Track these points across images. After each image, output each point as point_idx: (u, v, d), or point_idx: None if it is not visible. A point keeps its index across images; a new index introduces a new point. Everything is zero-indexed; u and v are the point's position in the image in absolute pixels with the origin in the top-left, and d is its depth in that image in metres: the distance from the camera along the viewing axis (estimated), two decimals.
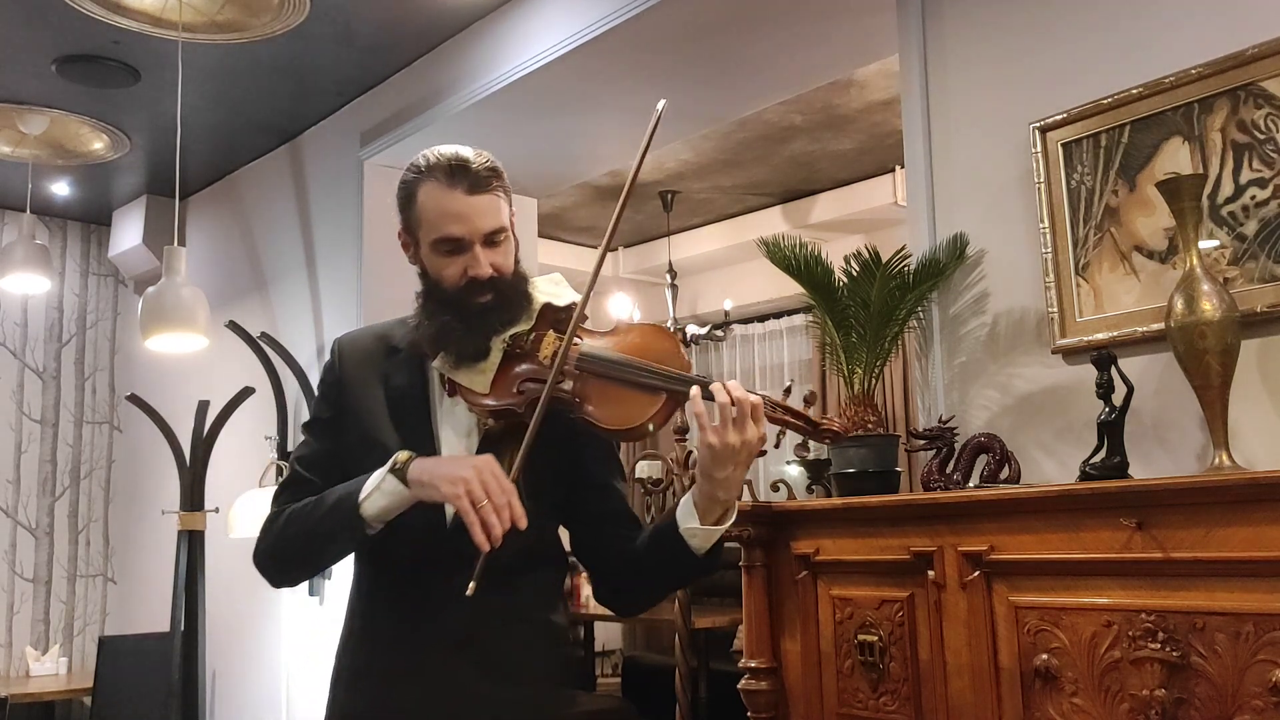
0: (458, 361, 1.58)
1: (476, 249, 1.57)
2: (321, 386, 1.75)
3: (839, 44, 3.42)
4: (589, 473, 1.66)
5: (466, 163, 1.58)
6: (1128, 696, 1.72)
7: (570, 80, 3.67)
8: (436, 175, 1.59)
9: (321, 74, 4.23)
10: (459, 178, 1.57)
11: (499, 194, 1.61)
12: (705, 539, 1.52)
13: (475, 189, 1.57)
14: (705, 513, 1.51)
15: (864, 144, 5.46)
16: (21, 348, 5.79)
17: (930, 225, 2.61)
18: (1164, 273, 2.18)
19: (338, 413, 1.68)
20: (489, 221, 1.58)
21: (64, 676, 5.44)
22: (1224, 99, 2.11)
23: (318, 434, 1.70)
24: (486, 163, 1.60)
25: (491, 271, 1.58)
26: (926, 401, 2.62)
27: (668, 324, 5.51)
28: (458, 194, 1.57)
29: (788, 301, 6.81)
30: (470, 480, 1.41)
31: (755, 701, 2.27)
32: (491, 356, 1.57)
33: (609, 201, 6.44)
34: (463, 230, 1.57)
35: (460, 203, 1.57)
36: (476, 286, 1.58)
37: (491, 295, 1.58)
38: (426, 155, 1.62)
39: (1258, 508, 1.60)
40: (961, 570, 1.96)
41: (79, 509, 5.91)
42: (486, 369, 1.57)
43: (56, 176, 5.30)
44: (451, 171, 1.57)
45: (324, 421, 1.70)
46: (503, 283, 1.60)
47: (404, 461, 1.49)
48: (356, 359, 1.71)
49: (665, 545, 1.55)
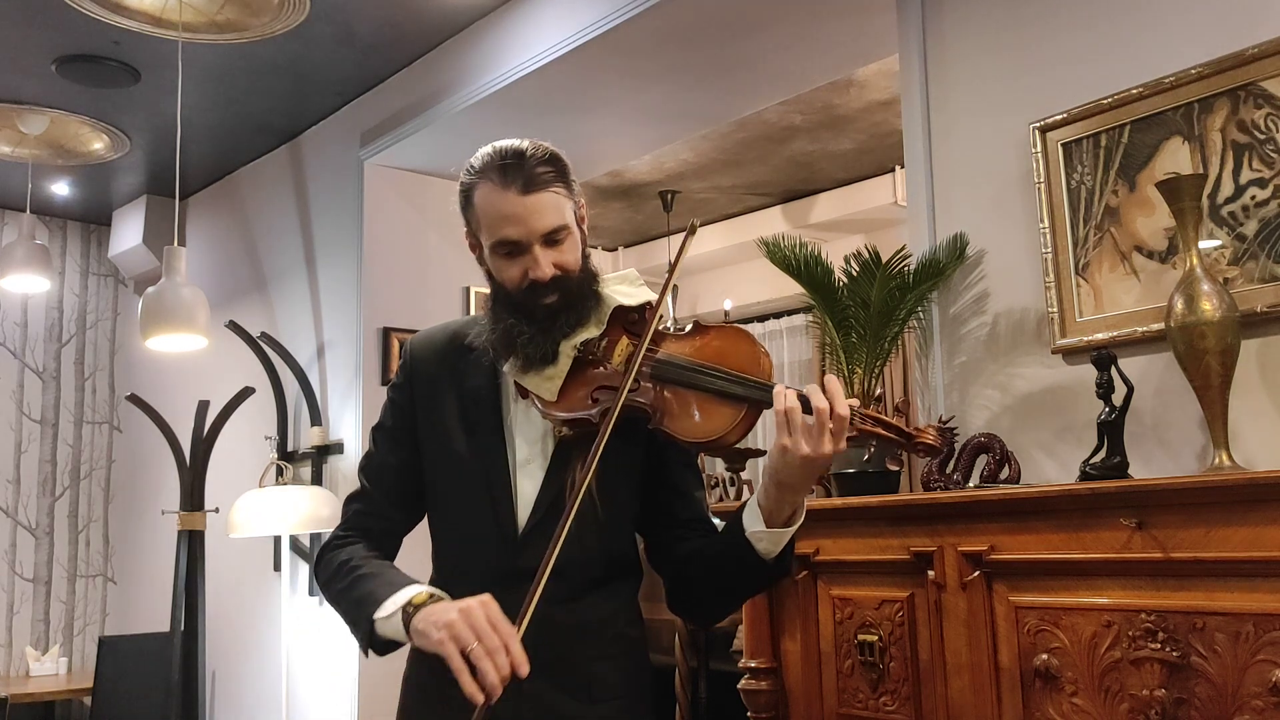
0: (525, 366, 1.52)
1: (535, 250, 1.49)
2: (391, 390, 1.68)
3: (839, 44, 3.42)
4: (666, 480, 1.60)
5: (521, 160, 1.50)
6: (1128, 696, 1.72)
7: (570, 80, 3.67)
8: (490, 176, 1.51)
9: (321, 74, 4.23)
10: (512, 176, 1.49)
11: (558, 189, 1.52)
12: (773, 542, 1.45)
13: (530, 187, 1.49)
14: (773, 515, 1.44)
15: (864, 144, 5.46)
16: (21, 348, 5.79)
17: (930, 225, 2.61)
18: (1164, 273, 2.18)
19: (402, 419, 1.64)
20: (547, 221, 1.50)
21: (64, 676, 5.44)
22: (1224, 99, 2.11)
23: (380, 443, 1.66)
24: (544, 156, 1.52)
25: (554, 271, 1.50)
26: (926, 401, 2.62)
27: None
28: (511, 195, 1.49)
29: (788, 301, 6.80)
30: (456, 624, 1.30)
31: (755, 701, 2.27)
32: (560, 363, 1.51)
33: (609, 201, 6.44)
34: (519, 233, 1.49)
35: (514, 204, 1.48)
36: (540, 288, 1.50)
37: (557, 296, 1.51)
38: (482, 154, 1.54)
39: (1258, 508, 1.60)
40: (961, 570, 1.96)
41: (79, 509, 5.91)
42: (555, 375, 1.50)
43: (56, 176, 5.30)
44: (504, 171, 1.49)
45: (386, 430, 1.65)
46: (569, 282, 1.52)
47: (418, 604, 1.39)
48: (428, 360, 1.64)
49: (733, 552, 1.47)
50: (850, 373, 2.48)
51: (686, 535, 1.60)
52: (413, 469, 1.61)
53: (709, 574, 1.54)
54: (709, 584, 1.55)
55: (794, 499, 1.43)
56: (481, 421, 1.57)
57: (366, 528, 1.61)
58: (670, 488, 1.61)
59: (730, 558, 1.48)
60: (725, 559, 1.49)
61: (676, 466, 1.62)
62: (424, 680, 1.56)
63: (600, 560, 1.54)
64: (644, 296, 1.56)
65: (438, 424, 1.59)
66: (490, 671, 1.27)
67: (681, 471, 1.64)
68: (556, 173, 1.52)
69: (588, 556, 1.51)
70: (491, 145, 1.54)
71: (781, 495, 1.42)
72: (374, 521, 1.62)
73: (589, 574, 1.52)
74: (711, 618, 1.66)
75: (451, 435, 1.57)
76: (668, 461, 1.60)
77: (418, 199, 4.52)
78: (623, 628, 1.59)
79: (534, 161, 1.50)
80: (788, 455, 1.36)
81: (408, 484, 1.61)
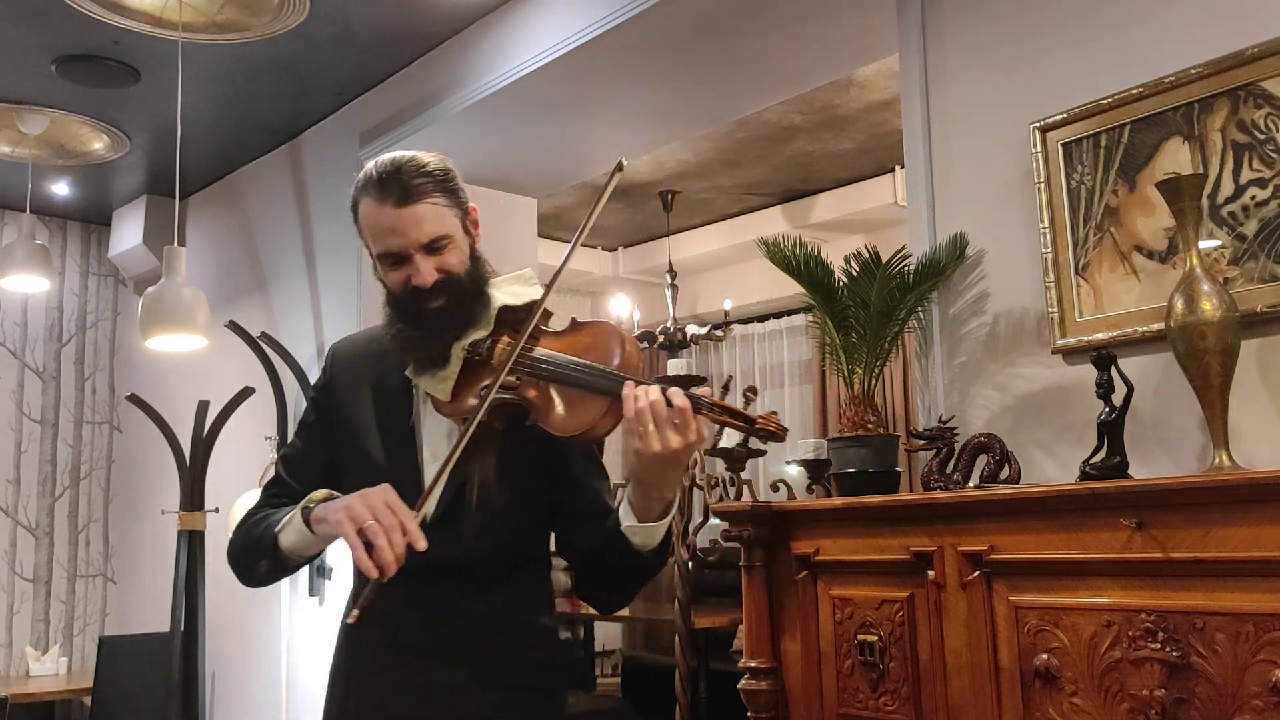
0: (419, 369, 1.58)
1: (416, 258, 1.55)
2: (313, 391, 1.77)
3: (839, 44, 3.42)
4: (567, 473, 1.65)
5: (396, 173, 1.55)
6: (1128, 696, 1.72)
7: (570, 80, 3.67)
8: (370, 191, 1.56)
9: (321, 74, 4.23)
10: (388, 190, 1.54)
11: (436, 199, 1.56)
12: (647, 536, 1.51)
13: (405, 200, 1.54)
14: (644, 511, 1.49)
15: (864, 144, 5.46)
16: (21, 348, 5.79)
17: (930, 225, 2.61)
18: (1164, 273, 2.18)
19: (322, 417, 1.71)
20: (425, 230, 1.55)
21: (64, 676, 5.44)
22: (1224, 99, 2.11)
23: (303, 437, 1.73)
24: (421, 168, 1.57)
25: (436, 276, 1.55)
26: (926, 401, 2.62)
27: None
28: (387, 208, 1.54)
29: (788, 301, 6.81)
30: (355, 506, 1.39)
31: (755, 701, 2.27)
32: (451, 364, 1.56)
33: (609, 201, 6.44)
34: (398, 244, 1.55)
35: (391, 216, 1.54)
36: (424, 294, 1.55)
37: (444, 300, 1.56)
38: (365, 169, 1.60)
39: (1257, 508, 1.60)
40: (961, 570, 1.96)
41: (79, 509, 5.91)
42: (447, 376, 1.56)
43: (56, 176, 5.30)
44: (381, 185, 1.55)
45: (308, 426, 1.73)
46: (454, 285, 1.57)
47: (317, 500, 1.50)
48: (348, 363, 1.73)
49: (613, 545, 1.54)
50: (850, 373, 2.48)
51: (586, 526, 1.64)
52: (328, 466, 1.67)
53: (598, 565, 1.61)
54: (600, 574, 1.63)
55: (660, 494, 1.48)
56: (393, 421, 1.63)
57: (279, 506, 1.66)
58: (571, 480, 1.65)
59: (612, 550, 1.54)
60: (608, 552, 1.55)
61: (577, 459, 1.66)
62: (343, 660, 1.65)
63: (507, 553, 1.60)
64: (531, 295, 1.62)
65: (353, 424, 1.66)
66: (385, 547, 1.35)
67: (582, 464, 1.67)
68: (435, 182, 1.57)
69: (494, 550, 1.58)
70: (377, 158, 1.60)
71: (647, 492, 1.47)
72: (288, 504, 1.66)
73: (496, 567, 1.58)
74: (611, 605, 1.71)
75: (365, 435, 1.64)
76: (568, 455, 1.64)
77: None
78: (533, 616, 1.65)
79: (410, 174, 1.55)
80: (641, 454, 1.40)
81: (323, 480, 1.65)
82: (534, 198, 4.82)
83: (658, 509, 1.49)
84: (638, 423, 1.38)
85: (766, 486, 5.24)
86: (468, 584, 1.55)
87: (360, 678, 1.61)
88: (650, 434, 1.38)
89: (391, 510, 1.38)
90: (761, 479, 6.50)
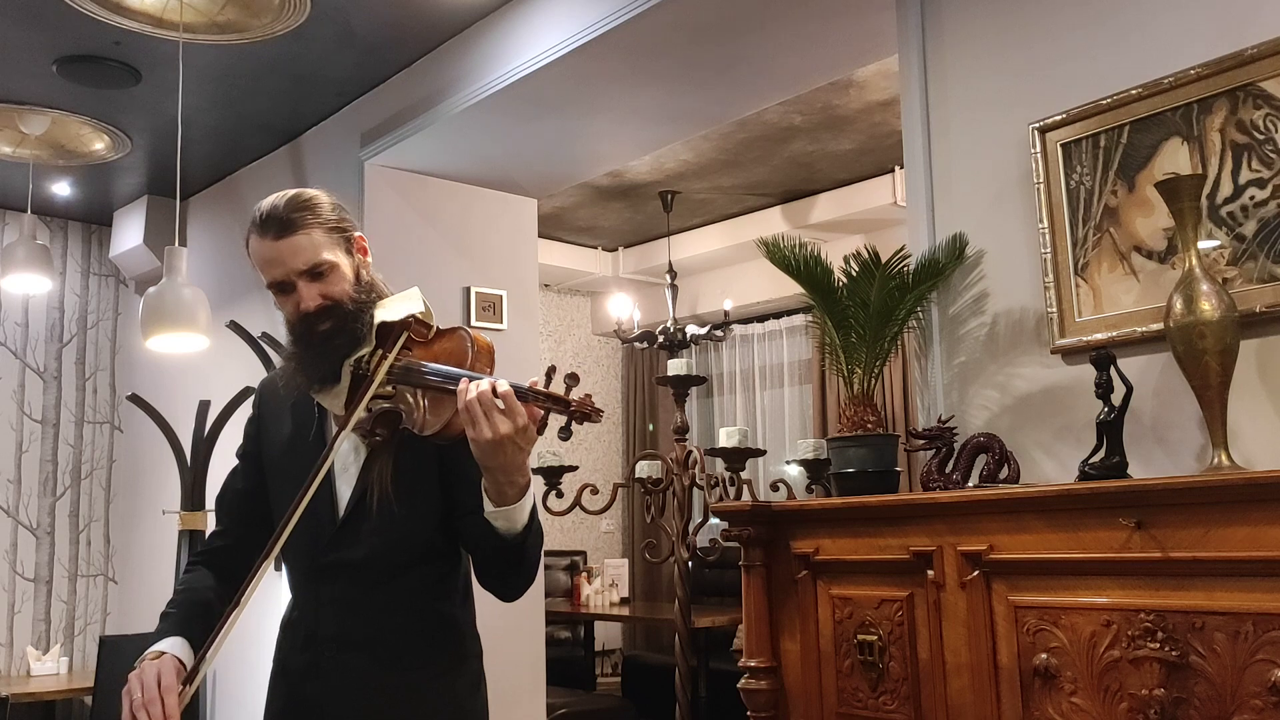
0: (317, 388, 1.71)
1: (300, 285, 1.68)
2: (246, 424, 1.92)
3: (839, 44, 3.43)
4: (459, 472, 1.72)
5: (275, 210, 1.69)
6: (1127, 696, 1.73)
7: (570, 81, 3.67)
8: (254, 228, 1.71)
9: (322, 74, 4.23)
10: (268, 226, 1.69)
11: (312, 230, 1.70)
12: (509, 519, 1.60)
13: (284, 233, 1.68)
14: (499, 496, 1.58)
15: (864, 144, 5.46)
16: (22, 348, 5.80)
17: (930, 225, 2.62)
18: (1163, 273, 2.18)
19: (250, 450, 1.87)
20: (302, 259, 1.68)
21: (65, 676, 5.44)
22: (1223, 99, 2.11)
23: (236, 472, 1.90)
24: (297, 203, 1.70)
25: (320, 302, 1.68)
26: (926, 401, 2.62)
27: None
28: (268, 241, 1.69)
29: (788, 301, 6.81)
30: (131, 680, 1.57)
31: (755, 701, 2.28)
32: (343, 381, 1.69)
33: (609, 201, 6.45)
34: (280, 273, 1.69)
35: (270, 249, 1.69)
36: (311, 318, 1.69)
37: (330, 323, 1.69)
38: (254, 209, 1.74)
39: (1256, 508, 1.61)
40: (961, 570, 1.96)
41: (80, 509, 5.91)
42: (340, 392, 1.69)
43: (57, 177, 5.31)
44: (263, 222, 1.69)
45: (240, 458, 1.90)
46: (339, 309, 1.70)
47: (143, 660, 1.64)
48: (271, 394, 1.86)
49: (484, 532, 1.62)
50: (850, 372, 2.48)
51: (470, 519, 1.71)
52: (261, 490, 1.83)
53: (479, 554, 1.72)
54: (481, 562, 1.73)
55: (508, 479, 1.56)
56: (309, 439, 1.77)
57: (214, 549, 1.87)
58: (461, 478, 1.71)
59: (483, 538, 1.64)
60: (484, 540, 1.64)
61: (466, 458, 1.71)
62: (276, 657, 1.82)
63: (403, 550, 1.72)
64: (407, 310, 1.72)
65: (276, 447, 1.82)
66: None
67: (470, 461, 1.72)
68: (312, 214, 1.72)
69: (390, 547, 1.71)
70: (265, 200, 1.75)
71: (495, 477, 1.56)
72: (224, 541, 1.87)
73: (393, 561, 1.71)
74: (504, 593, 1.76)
75: (286, 454, 1.79)
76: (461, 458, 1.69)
77: (418, 199, 4.53)
78: (432, 602, 1.75)
79: (288, 209, 1.70)
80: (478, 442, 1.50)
81: (257, 505, 1.82)
82: (534, 198, 4.82)
83: (511, 493, 1.57)
84: (468, 413, 1.49)
85: (766, 486, 5.25)
86: (371, 577, 1.70)
87: (288, 673, 1.77)
88: (481, 422, 1.49)
89: (146, 688, 1.54)
90: (761, 479, 6.51)
